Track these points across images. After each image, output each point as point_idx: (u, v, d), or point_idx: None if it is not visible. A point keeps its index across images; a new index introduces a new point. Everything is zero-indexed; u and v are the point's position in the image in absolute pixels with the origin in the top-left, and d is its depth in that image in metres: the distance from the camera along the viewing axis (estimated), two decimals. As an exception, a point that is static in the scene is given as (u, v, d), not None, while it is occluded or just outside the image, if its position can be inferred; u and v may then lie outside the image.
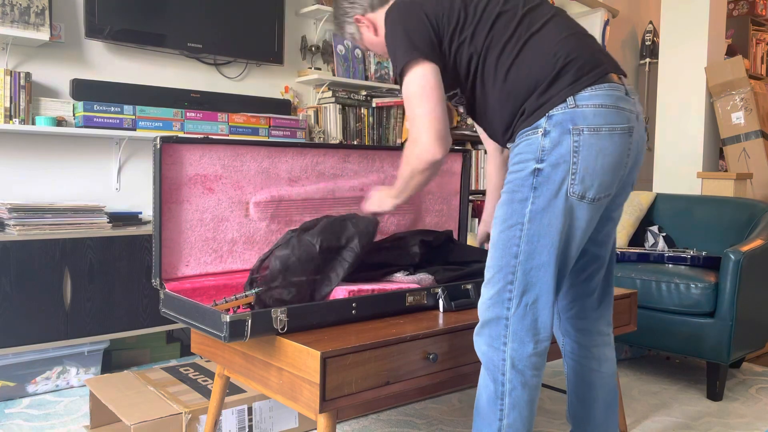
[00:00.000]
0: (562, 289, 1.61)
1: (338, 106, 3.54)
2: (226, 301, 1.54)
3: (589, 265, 1.57)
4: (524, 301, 1.37)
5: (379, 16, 1.63)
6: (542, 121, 1.36)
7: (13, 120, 2.56)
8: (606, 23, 4.35)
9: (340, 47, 3.62)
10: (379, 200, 1.70)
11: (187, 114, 2.97)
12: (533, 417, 1.41)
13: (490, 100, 1.46)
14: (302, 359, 1.32)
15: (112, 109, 2.78)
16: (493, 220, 1.43)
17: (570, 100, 1.34)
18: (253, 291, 1.57)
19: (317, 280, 1.63)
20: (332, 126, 3.54)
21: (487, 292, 1.42)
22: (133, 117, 2.83)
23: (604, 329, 1.62)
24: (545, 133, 1.35)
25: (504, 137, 1.49)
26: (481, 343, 1.42)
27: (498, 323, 1.38)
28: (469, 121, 4.01)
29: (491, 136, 1.56)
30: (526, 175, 1.36)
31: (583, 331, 1.61)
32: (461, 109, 1.60)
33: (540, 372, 1.41)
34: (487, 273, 1.43)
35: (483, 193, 4.21)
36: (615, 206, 1.53)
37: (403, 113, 3.81)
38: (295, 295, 1.57)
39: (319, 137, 3.49)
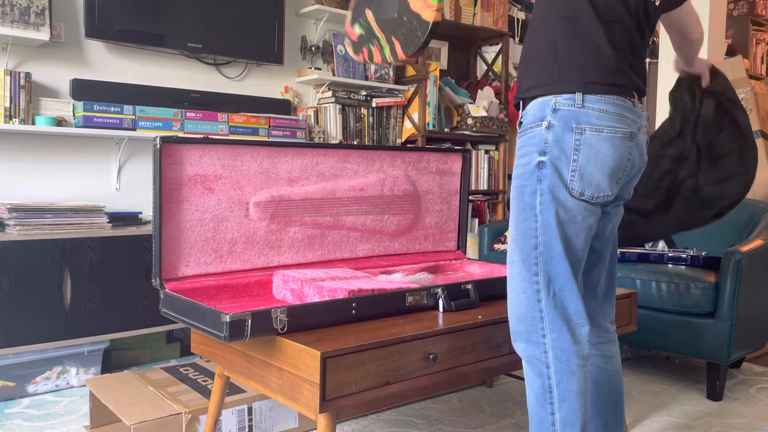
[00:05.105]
0: None
1: (338, 106, 3.54)
2: None
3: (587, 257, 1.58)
4: (551, 290, 1.39)
5: None
6: (548, 113, 1.38)
7: (13, 120, 2.56)
8: (606, 23, 4.34)
9: (339, 47, 3.62)
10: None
11: (187, 114, 2.97)
12: (587, 409, 1.41)
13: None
14: (302, 359, 1.32)
15: (112, 109, 2.78)
16: (510, 216, 1.47)
17: (578, 96, 1.36)
18: None
19: None
20: (332, 126, 3.54)
21: (514, 288, 1.44)
22: (133, 117, 2.83)
23: (609, 326, 1.63)
24: (549, 126, 1.37)
25: (525, 85, 1.45)
26: (520, 341, 1.43)
27: (534, 317, 1.40)
28: (470, 121, 3.96)
29: (523, 76, 1.49)
30: (532, 168, 1.39)
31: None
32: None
33: (586, 362, 1.40)
34: (512, 268, 1.45)
35: (483, 193, 4.21)
36: (613, 205, 1.54)
37: (403, 113, 3.81)
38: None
39: (319, 137, 3.49)
